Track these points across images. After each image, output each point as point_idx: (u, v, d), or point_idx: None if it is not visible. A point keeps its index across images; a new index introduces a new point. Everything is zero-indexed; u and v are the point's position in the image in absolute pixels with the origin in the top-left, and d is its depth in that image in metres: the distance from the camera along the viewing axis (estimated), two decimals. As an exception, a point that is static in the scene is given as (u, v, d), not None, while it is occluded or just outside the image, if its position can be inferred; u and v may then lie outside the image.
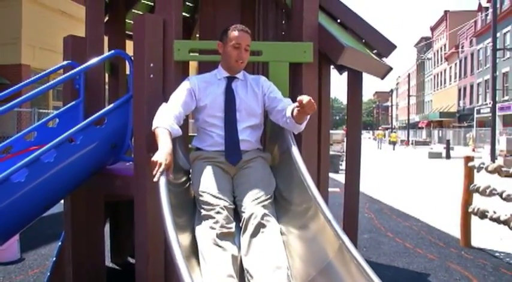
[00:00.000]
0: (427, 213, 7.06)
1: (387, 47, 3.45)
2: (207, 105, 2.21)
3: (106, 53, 3.04)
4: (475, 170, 5.00)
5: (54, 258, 3.30)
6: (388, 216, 6.88)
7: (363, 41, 3.50)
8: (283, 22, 3.33)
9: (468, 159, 5.17)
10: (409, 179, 12.56)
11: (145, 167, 2.37)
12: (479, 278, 4.00)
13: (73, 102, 2.91)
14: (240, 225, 1.92)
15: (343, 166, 12.44)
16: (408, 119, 44.10)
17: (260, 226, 1.86)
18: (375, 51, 3.53)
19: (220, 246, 1.80)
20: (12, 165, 2.21)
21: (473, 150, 25.91)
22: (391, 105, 62.21)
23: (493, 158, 16.40)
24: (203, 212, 1.92)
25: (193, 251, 1.87)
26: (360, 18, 3.41)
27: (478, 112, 34.46)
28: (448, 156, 21.27)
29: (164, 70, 2.48)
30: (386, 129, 57.52)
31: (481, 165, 4.87)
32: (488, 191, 4.76)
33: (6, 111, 2.51)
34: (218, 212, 1.88)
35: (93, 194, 3.06)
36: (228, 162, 2.15)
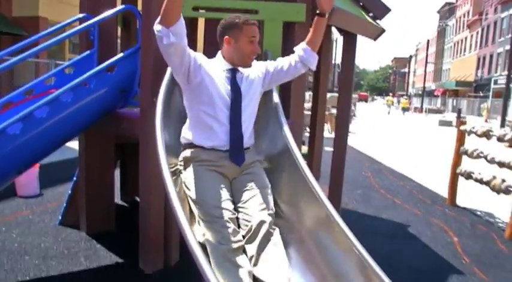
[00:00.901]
0: (424, 174, 7.38)
1: (381, 10, 3.65)
2: (209, 89, 2.01)
3: (119, 7, 3.31)
4: (466, 134, 5.25)
5: (69, 192, 3.71)
6: (384, 175, 7.20)
7: (361, 4, 3.70)
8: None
9: (461, 123, 5.42)
10: (414, 144, 12.77)
11: (150, 110, 2.70)
12: (455, 230, 4.36)
13: (88, 52, 3.22)
14: (245, 232, 1.87)
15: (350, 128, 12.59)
16: (424, 87, 43.51)
17: (269, 235, 1.84)
18: (370, 14, 3.73)
19: (233, 263, 1.76)
20: (34, 105, 2.55)
21: (486, 120, 25.74)
22: (408, 72, 61.15)
23: (503, 127, 16.45)
24: (205, 224, 1.84)
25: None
26: (357, -18, 3.59)
27: (496, 82, 33.84)
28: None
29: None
30: (401, 95, 56.80)
31: (472, 129, 5.11)
32: (475, 153, 5.03)
33: (23, 59, 2.80)
34: (224, 226, 1.80)
35: (104, 135, 3.43)
36: (229, 164, 2.02)
